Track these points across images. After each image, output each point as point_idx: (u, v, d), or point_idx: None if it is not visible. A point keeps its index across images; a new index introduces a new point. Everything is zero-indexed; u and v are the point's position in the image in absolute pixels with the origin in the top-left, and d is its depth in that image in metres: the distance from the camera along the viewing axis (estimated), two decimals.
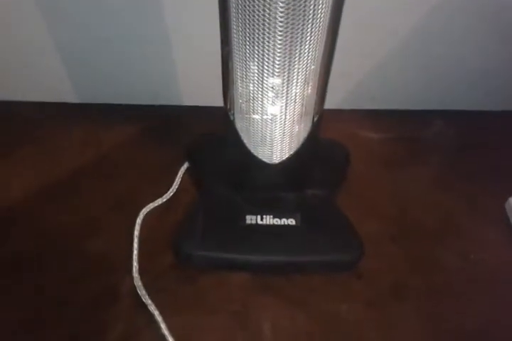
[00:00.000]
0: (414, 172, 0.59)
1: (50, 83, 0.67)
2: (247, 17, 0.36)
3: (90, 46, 0.62)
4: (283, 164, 0.47)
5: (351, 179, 0.56)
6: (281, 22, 0.35)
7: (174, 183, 0.55)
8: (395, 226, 0.52)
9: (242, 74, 0.41)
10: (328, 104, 0.46)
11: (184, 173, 0.57)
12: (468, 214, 0.54)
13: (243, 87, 0.42)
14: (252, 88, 0.42)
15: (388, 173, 0.58)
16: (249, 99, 0.43)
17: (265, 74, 0.40)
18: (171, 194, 0.54)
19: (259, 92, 0.42)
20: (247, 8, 0.35)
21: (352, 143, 0.60)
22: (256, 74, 0.40)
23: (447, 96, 0.68)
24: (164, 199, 0.53)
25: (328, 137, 0.55)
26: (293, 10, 0.34)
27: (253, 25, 0.36)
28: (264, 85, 0.41)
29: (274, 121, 0.44)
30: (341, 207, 0.52)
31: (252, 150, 0.46)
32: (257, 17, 0.35)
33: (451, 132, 0.65)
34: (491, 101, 0.68)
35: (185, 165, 0.57)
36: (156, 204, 0.52)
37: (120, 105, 0.68)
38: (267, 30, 0.36)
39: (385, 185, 0.57)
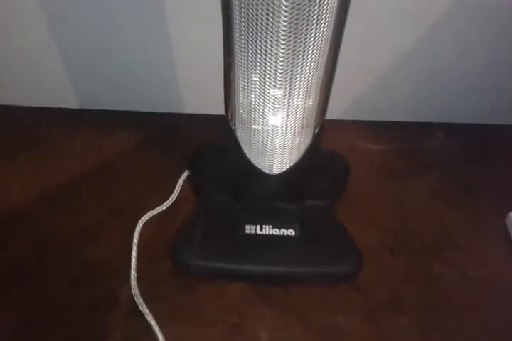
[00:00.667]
0: (415, 184, 0.59)
1: (52, 89, 0.67)
2: (250, 27, 0.36)
3: (92, 52, 0.62)
4: (283, 175, 0.47)
5: (351, 190, 0.56)
6: (283, 35, 0.35)
7: (174, 191, 0.55)
8: (394, 239, 0.52)
9: (244, 84, 0.41)
10: (330, 115, 0.46)
11: (184, 181, 0.57)
12: (468, 227, 0.53)
13: (244, 98, 0.43)
14: (253, 99, 0.42)
15: (388, 185, 0.58)
16: (250, 110, 0.43)
17: (267, 85, 0.40)
18: (171, 202, 0.54)
19: (261, 103, 0.42)
20: (250, 18, 0.35)
21: (353, 154, 0.60)
22: (258, 85, 0.40)
23: (449, 109, 0.68)
24: (164, 207, 0.53)
25: (329, 148, 0.55)
26: (296, 23, 0.35)
27: (255, 35, 0.36)
28: (266, 96, 0.41)
29: (275, 132, 0.44)
30: (341, 218, 0.52)
31: (253, 161, 0.47)
32: (259, 28, 0.35)
33: (452, 145, 0.65)
34: (493, 115, 0.68)
35: (186, 173, 0.57)
36: (156, 212, 0.52)
37: (121, 112, 0.68)
38: (270, 41, 0.36)
39: (385, 196, 0.57)
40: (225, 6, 0.37)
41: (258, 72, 0.39)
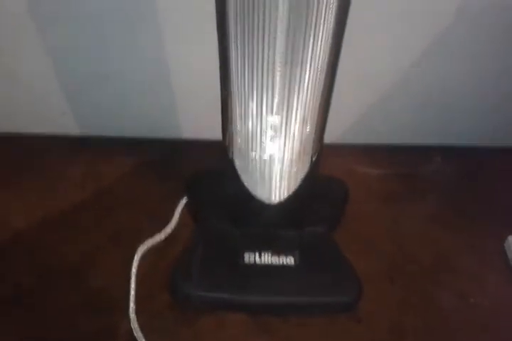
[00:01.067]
0: (413, 208, 0.59)
1: (50, 115, 0.68)
2: (247, 55, 0.36)
3: (90, 79, 0.63)
4: (282, 204, 0.47)
5: (350, 215, 0.56)
6: (280, 63, 0.36)
7: (173, 218, 0.55)
8: (394, 265, 0.52)
9: (241, 112, 0.42)
10: (328, 138, 0.46)
11: (183, 208, 0.56)
12: (467, 252, 0.53)
13: (242, 126, 0.43)
14: (250, 127, 0.42)
15: (387, 209, 0.58)
16: (247, 138, 0.43)
17: (264, 113, 0.40)
18: (170, 229, 0.54)
19: (258, 131, 0.42)
20: (247, 46, 0.36)
21: (351, 179, 0.59)
22: (255, 113, 0.41)
23: (447, 132, 0.68)
24: (163, 235, 0.53)
25: (327, 172, 0.55)
26: (292, 51, 0.35)
27: (252, 64, 0.37)
28: (263, 124, 0.41)
29: (273, 161, 0.44)
30: (339, 244, 0.51)
31: (251, 190, 0.47)
32: (256, 55, 0.36)
33: (450, 168, 0.65)
34: (491, 138, 0.68)
35: (185, 200, 0.57)
36: (155, 241, 0.52)
37: (120, 138, 0.68)
38: (266, 69, 0.37)
39: (383, 221, 0.57)
40: (221, 39, 0.37)
41: (255, 99, 0.39)
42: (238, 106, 0.41)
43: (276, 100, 0.39)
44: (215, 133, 0.48)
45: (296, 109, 0.40)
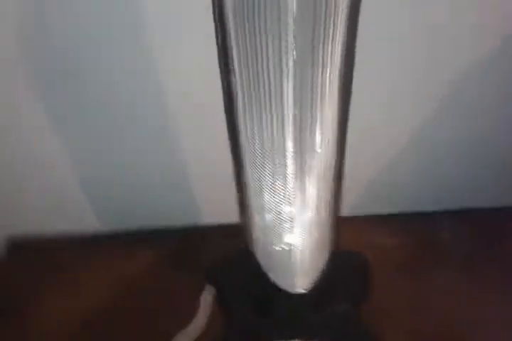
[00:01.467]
0: (434, 279, 0.58)
1: (67, 213, 0.69)
2: (257, 153, 0.37)
3: (104, 173, 0.65)
4: (306, 291, 0.47)
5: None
6: (290, 163, 0.37)
7: (199, 311, 0.54)
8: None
9: (257, 204, 0.42)
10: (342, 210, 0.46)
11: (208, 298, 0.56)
12: (498, 326, 0.52)
13: (258, 218, 0.43)
14: (267, 218, 0.43)
15: (407, 281, 0.58)
16: (265, 230, 0.44)
17: (279, 204, 0.41)
18: (199, 323, 0.53)
19: (275, 222, 0.43)
20: (257, 142, 0.36)
21: (368, 250, 0.59)
22: (269, 204, 0.41)
23: (459, 196, 0.68)
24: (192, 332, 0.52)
25: (343, 246, 0.55)
26: (300, 152, 0.36)
27: (263, 161, 0.38)
28: (279, 215, 0.42)
29: (293, 251, 0.44)
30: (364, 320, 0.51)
31: (274, 280, 0.47)
32: (265, 149, 0.37)
33: (466, 234, 0.65)
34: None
35: (208, 290, 0.57)
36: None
37: (136, 231, 0.68)
38: (277, 157, 0.37)
39: (403, 293, 0.56)
40: (230, 125, 0.38)
41: (268, 189, 0.40)
42: (253, 197, 0.42)
43: (289, 186, 0.39)
44: (233, 218, 0.48)
45: (310, 194, 0.40)
